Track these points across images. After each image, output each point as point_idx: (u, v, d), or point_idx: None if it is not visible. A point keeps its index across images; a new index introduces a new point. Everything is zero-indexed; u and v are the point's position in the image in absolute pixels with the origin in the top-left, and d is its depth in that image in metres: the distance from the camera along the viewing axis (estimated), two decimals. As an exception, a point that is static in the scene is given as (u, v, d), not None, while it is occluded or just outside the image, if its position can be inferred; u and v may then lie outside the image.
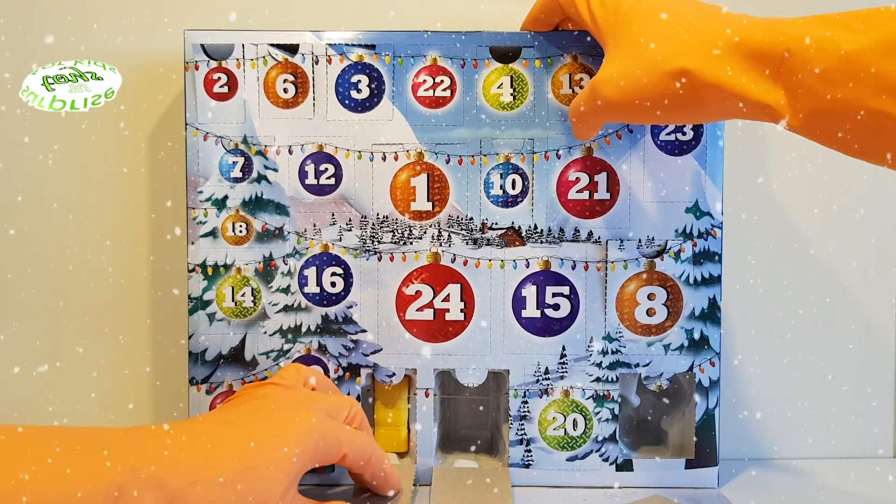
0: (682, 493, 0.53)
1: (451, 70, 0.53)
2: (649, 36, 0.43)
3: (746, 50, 0.39)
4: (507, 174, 0.53)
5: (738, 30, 0.40)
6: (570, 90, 0.53)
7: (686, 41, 0.41)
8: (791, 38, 0.38)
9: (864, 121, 0.36)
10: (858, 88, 0.35)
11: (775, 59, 0.38)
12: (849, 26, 0.36)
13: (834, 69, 0.36)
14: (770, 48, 0.38)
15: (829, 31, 0.37)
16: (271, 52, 0.53)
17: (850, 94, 0.35)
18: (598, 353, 0.53)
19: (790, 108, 0.38)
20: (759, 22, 0.40)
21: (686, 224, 0.53)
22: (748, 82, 0.39)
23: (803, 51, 0.37)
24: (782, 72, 0.38)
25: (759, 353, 0.60)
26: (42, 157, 0.59)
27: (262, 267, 0.54)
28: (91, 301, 0.60)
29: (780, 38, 0.38)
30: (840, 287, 0.61)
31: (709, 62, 0.40)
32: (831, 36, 0.36)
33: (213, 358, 0.54)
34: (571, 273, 0.54)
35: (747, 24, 0.40)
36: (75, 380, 0.60)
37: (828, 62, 0.36)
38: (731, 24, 0.41)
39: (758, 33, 0.39)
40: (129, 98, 0.58)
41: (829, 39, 0.36)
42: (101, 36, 0.58)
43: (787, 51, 0.38)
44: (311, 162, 0.53)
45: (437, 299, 0.54)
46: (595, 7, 0.47)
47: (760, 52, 0.39)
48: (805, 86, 0.37)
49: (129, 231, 0.60)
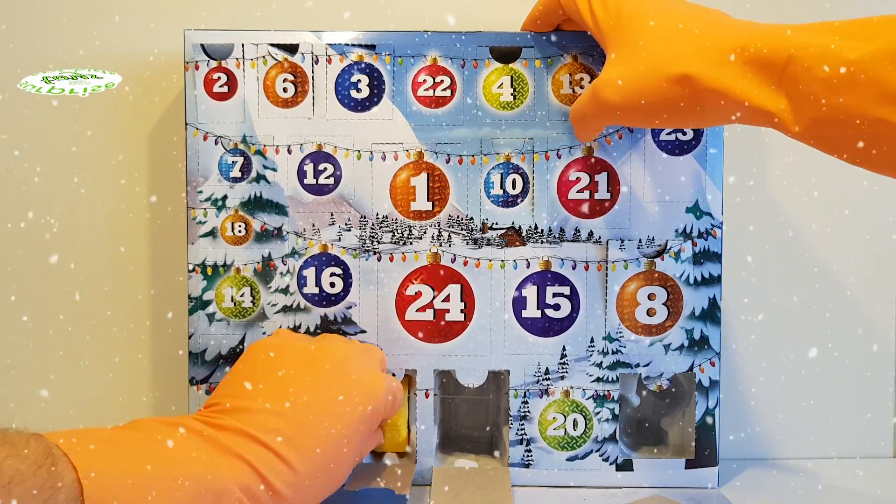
0: (682, 492, 0.53)
1: (452, 70, 0.53)
2: (651, 40, 0.43)
3: (749, 56, 0.39)
4: (508, 174, 0.53)
5: (740, 36, 0.40)
6: (570, 90, 0.53)
7: (688, 46, 0.41)
8: (794, 45, 0.38)
9: (866, 129, 0.35)
10: (861, 97, 0.35)
11: (778, 66, 0.38)
12: (851, 34, 0.36)
13: (836, 77, 0.36)
14: (773, 55, 0.38)
15: (832, 38, 0.36)
16: (271, 51, 0.53)
17: (852, 103, 0.35)
18: (599, 353, 0.53)
19: (793, 116, 0.38)
20: (761, 28, 0.40)
21: (686, 224, 0.53)
22: (750, 88, 0.39)
23: (806, 58, 0.37)
24: (785, 79, 0.38)
25: (758, 353, 0.60)
26: (42, 160, 0.59)
27: (260, 267, 0.54)
28: (91, 302, 0.60)
29: (783, 45, 0.38)
30: (840, 287, 0.61)
31: (711, 67, 0.40)
32: (834, 44, 0.36)
33: (213, 358, 0.54)
34: (572, 273, 0.53)
35: (750, 30, 0.40)
36: (75, 380, 0.60)
37: (830, 70, 0.36)
38: (734, 30, 0.41)
39: (760, 40, 0.39)
40: (128, 98, 0.58)
41: (831, 47, 0.36)
42: (100, 35, 0.58)
43: (790, 58, 0.37)
44: (310, 162, 0.53)
45: (437, 300, 0.54)
46: (597, 9, 0.47)
47: (763, 58, 0.39)
48: (807, 93, 0.37)
49: (129, 231, 0.60)
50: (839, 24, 0.37)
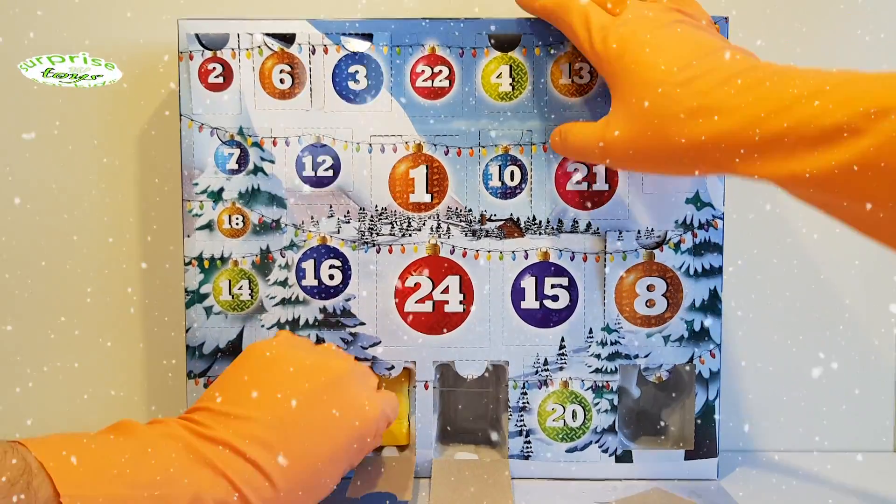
0: (681, 484, 0.53)
1: (450, 59, 0.52)
2: (654, 100, 0.41)
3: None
4: (506, 166, 0.53)
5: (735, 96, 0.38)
6: (569, 80, 0.52)
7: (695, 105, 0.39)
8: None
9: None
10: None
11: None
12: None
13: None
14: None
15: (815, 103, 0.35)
16: (267, 42, 0.52)
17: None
18: (598, 344, 0.53)
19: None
20: (758, 85, 0.38)
21: (686, 215, 0.53)
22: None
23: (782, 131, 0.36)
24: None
25: (760, 345, 0.60)
26: (38, 155, 0.58)
27: (259, 260, 0.53)
28: (86, 295, 0.59)
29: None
30: (842, 282, 0.60)
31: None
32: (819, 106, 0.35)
33: (211, 351, 0.53)
34: (570, 264, 0.53)
35: (743, 85, 0.38)
36: (70, 374, 0.60)
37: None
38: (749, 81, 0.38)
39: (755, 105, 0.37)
40: (122, 89, 0.57)
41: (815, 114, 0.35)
42: (94, 24, 0.57)
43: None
44: (308, 153, 0.53)
45: (436, 291, 0.53)
46: (597, 42, 0.45)
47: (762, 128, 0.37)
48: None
49: (123, 224, 0.59)
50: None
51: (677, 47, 0.42)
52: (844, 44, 0.59)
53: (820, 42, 0.59)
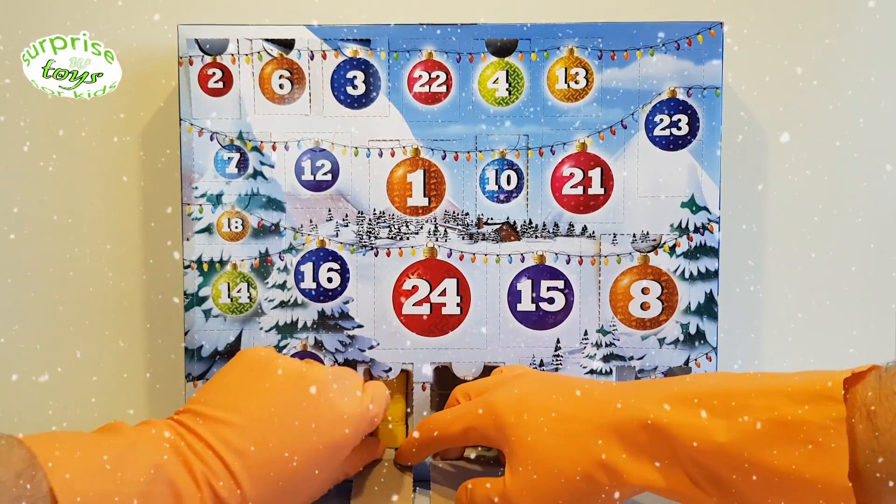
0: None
1: (447, 65, 0.53)
2: (542, 443, 0.43)
3: (629, 444, 0.40)
4: (503, 170, 0.54)
5: (612, 429, 0.41)
6: (565, 85, 0.53)
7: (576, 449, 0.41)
8: (672, 424, 0.39)
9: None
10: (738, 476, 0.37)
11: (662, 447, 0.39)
12: (717, 411, 0.38)
13: (709, 455, 0.37)
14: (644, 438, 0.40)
15: (699, 417, 0.38)
16: (266, 47, 0.53)
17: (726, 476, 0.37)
18: (593, 346, 0.54)
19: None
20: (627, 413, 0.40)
21: (682, 219, 0.53)
22: (646, 472, 0.40)
23: (681, 438, 0.38)
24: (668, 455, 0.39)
25: (759, 355, 0.60)
26: (40, 162, 0.58)
27: (258, 263, 0.54)
28: (86, 298, 0.59)
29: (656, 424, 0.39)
30: (840, 290, 0.60)
31: (602, 467, 0.41)
32: (702, 423, 0.38)
33: (210, 354, 0.54)
34: (566, 267, 0.54)
35: (618, 414, 0.41)
36: (69, 377, 0.60)
37: (701, 446, 0.37)
38: (604, 416, 0.41)
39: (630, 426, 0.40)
40: (122, 94, 0.57)
41: (703, 427, 0.37)
42: (94, 28, 0.57)
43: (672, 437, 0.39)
44: (307, 158, 0.53)
45: (433, 294, 0.54)
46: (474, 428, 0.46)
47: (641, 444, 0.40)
48: (685, 464, 0.38)
49: (124, 228, 0.59)
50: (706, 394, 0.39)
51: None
52: (842, 46, 0.59)
53: (816, 45, 0.59)
